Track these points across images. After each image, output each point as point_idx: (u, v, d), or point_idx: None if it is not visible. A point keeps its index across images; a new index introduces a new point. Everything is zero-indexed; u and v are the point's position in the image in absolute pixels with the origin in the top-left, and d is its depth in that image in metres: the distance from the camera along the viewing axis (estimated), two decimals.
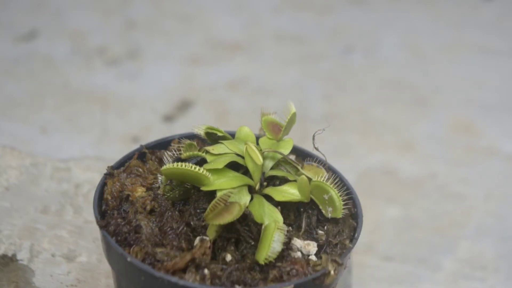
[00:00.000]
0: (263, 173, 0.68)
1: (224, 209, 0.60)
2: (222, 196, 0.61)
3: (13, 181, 0.93)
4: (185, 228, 0.64)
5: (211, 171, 0.64)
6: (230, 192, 0.61)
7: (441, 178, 1.08)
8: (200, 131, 0.70)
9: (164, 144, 0.76)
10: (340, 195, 0.66)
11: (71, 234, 0.86)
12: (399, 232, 0.97)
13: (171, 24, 1.48)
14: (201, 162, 0.67)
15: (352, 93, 1.29)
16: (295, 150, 0.76)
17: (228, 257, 0.63)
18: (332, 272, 0.62)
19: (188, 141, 0.68)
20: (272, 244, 0.61)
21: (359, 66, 1.38)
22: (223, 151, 0.67)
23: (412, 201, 1.03)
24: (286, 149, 0.70)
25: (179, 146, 0.68)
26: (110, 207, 0.68)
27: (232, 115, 1.20)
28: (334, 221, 0.68)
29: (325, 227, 0.67)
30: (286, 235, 0.63)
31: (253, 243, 0.63)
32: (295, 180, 0.67)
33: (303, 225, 0.67)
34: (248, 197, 0.64)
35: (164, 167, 0.64)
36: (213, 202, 0.61)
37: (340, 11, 1.56)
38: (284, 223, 0.64)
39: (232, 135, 0.72)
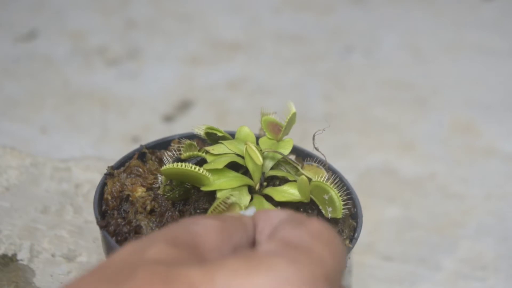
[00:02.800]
0: (263, 173, 0.68)
1: (225, 211, 0.60)
2: (224, 199, 0.61)
3: (13, 181, 0.93)
4: None
5: (211, 171, 0.64)
6: (231, 194, 0.61)
7: (441, 178, 1.08)
8: (200, 131, 0.70)
9: (164, 144, 0.76)
10: (340, 195, 0.66)
11: (71, 234, 0.86)
12: (399, 232, 0.97)
13: (171, 24, 1.48)
14: (201, 162, 0.67)
15: (352, 93, 1.29)
16: (295, 150, 0.76)
17: None
18: None
19: (188, 141, 0.68)
20: None
21: (359, 66, 1.38)
22: (223, 151, 0.67)
23: (412, 201, 1.03)
24: (286, 149, 0.70)
25: (179, 146, 0.68)
26: (110, 207, 0.68)
27: (232, 115, 1.20)
28: (334, 221, 0.68)
29: None
30: None
31: None
32: (295, 180, 0.67)
33: None
34: (248, 197, 0.64)
35: (164, 167, 0.64)
36: (214, 204, 0.61)
37: (340, 11, 1.56)
38: None
39: (232, 135, 0.72)
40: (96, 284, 0.35)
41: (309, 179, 0.66)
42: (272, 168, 0.68)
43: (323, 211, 0.67)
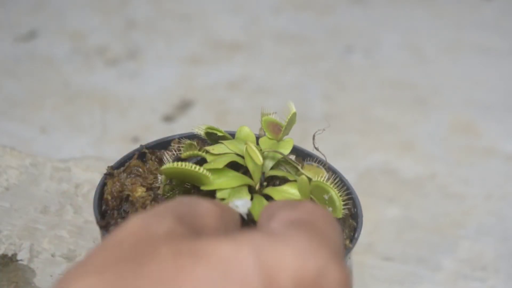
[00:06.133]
0: (263, 173, 0.68)
1: None
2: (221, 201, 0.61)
3: (13, 181, 0.93)
4: None
5: (211, 170, 0.64)
6: (223, 198, 0.61)
7: (441, 178, 1.08)
8: (200, 131, 0.70)
9: (164, 144, 0.76)
10: (340, 195, 0.66)
11: (71, 234, 0.86)
12: (399, 232, 0.97)
13: (171, 24, 1.48)
14: (201, 161, 0.67)
15: (352, 93, 1.29)
16: (295, 150, 0.76)
17: None
18: None
19: (188, 141, 0.68)
20: None
21: (359, 66, 1.38)
22: (223, 151, 0.67)
23: (412, 201, 1.03)
24: (286, 149, 0.70)
25: (179, 146, 0.68)
26: (110, 207, 0.68)
27: (232, 115, 1.20)
28: None
29: None
30: None
31: None
32: (295, 180, 0.67)
33: None
34: (248, 197, 0.64)
35: (164, 166, 0.64)
36: None
37: (340, 11, 1.56)
38: None
39: (232, 135, 0.72)
40: (115, 264, 0.32)
41: (309, 179, 0.66)
42: (272, 168, 0.68)
43: None
